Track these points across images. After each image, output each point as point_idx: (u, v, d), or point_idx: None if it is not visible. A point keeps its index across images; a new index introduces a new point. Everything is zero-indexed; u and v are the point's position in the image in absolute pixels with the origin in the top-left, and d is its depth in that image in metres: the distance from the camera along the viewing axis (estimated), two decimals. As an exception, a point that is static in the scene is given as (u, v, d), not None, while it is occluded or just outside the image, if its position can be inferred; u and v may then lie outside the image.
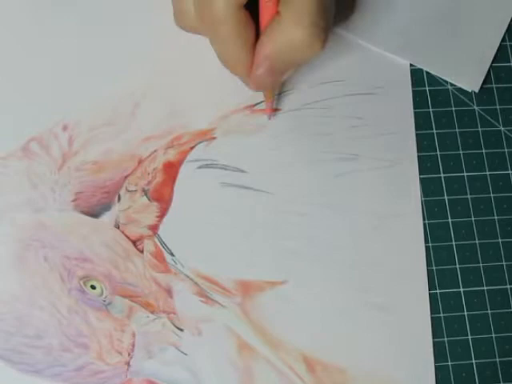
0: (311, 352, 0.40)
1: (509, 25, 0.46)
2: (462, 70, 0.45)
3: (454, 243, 0.43)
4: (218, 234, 0.41)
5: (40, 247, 0.40)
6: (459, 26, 0.45)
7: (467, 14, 0.46)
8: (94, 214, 0.41)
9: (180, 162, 0.42)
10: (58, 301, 0.40)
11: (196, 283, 0.41)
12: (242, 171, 0.42)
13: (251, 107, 0.43)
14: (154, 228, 0.41)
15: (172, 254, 0.41)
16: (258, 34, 0.38)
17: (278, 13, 0.37)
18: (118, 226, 0.41)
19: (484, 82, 0.45)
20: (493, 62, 0.46)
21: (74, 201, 0.41)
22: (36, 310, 0.39)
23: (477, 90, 0.45)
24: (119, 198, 0.41)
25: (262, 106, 0.43)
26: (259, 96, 0.43)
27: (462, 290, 0.42)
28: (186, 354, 0.40)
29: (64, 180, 0.41)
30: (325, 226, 0.42)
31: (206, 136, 0.43)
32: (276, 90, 0.43)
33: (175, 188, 0.42)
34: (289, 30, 0.37)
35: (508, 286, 0.43)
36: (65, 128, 0.42)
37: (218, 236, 0.41)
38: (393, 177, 0.43)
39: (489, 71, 0.46)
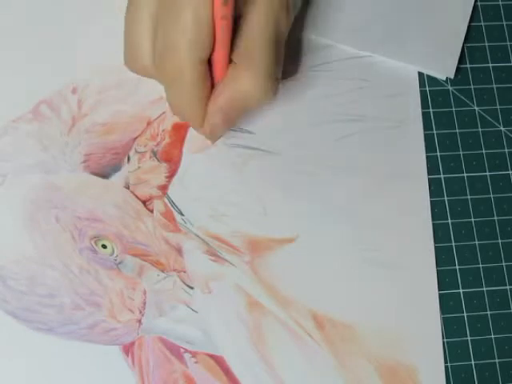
0: (320, 309, 0.41)
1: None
2: (432, 58, 0.44)
3: (453, 244, 0.43)
4: (226, 193, 0.42)
5: (51, 208, 0.41)
6: (423, 13, 0.45)
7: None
8: (104, 174, 0.41)
9: (189, 124, 0.42)
10: (69, 260, 0.40)
11: (205, 242, 0.41)
12: (250, 132, 0.43)
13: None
14: (163, 188, 0.42)
15: (181, 214, 0.41)
16: (212, 86, 0.38)
17: (232, 63, 0.37)
18: (127, 187, 0.41)
19: (484, 82, 0.45)
20: (493, 62, 0.45)
21: (84, 162, 0.41)
22: (48, 269, 0.40)
23: (452, 77, 0.44)
24: (128, 159, 0.42)
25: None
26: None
27: (461, 291, 0.42)
28: (196, 312, 0.40)
29: (74, 142, 0.42)
30: (331, 186, 0.42)
31: (214, 98, 0.43)
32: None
33: (184, 149, 0.42)
34: (243, 82, 0.37)
35: (508, 287, 0.42)
36: (74, 91, 0.42)
37: (226, 195, 0.42)
38: (398, 137, 0.44)
39: (489, 71, 0.45)
